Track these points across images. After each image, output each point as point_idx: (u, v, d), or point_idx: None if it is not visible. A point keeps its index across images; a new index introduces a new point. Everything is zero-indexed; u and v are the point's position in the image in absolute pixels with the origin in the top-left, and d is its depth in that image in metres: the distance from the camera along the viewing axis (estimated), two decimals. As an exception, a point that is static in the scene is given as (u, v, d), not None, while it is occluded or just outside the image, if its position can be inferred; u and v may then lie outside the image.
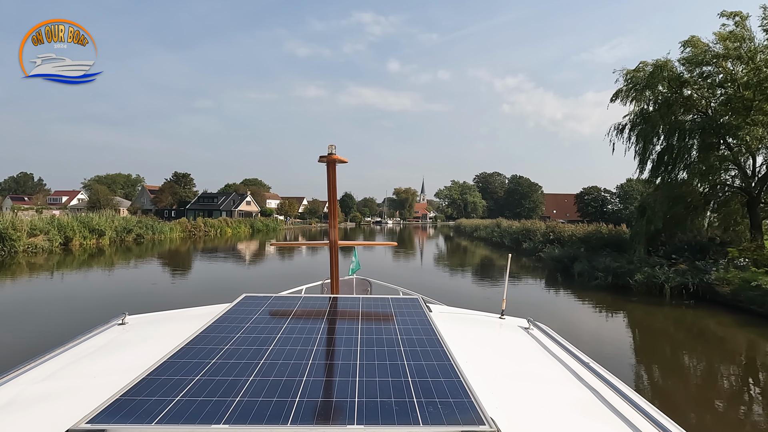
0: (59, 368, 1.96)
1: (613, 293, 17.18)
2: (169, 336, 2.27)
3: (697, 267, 16.74)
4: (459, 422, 1.39)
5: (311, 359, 1.92)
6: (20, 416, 1.53)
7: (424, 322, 2.53)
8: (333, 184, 3.27)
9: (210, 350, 1.99)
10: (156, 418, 1.36)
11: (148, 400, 1.49)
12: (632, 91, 21.05)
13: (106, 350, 2.23)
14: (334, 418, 1.41)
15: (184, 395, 1.53)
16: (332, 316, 2.66)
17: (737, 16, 18.79)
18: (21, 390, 1.73)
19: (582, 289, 18.30)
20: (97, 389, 1.65)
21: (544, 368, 2.16)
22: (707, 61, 19.33)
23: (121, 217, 41.60)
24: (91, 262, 27.65)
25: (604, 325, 13.86)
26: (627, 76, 21.03)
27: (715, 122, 19.19)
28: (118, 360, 2.10)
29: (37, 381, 1.82)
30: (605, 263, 19.00)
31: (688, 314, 14.79)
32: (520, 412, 1.63)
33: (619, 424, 1.59)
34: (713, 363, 10.47)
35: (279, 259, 32.17)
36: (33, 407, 1.60)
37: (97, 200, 76.26)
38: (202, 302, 3.36)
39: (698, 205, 20.77)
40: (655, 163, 21.34)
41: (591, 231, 27.31)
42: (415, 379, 1.72)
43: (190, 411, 1.42)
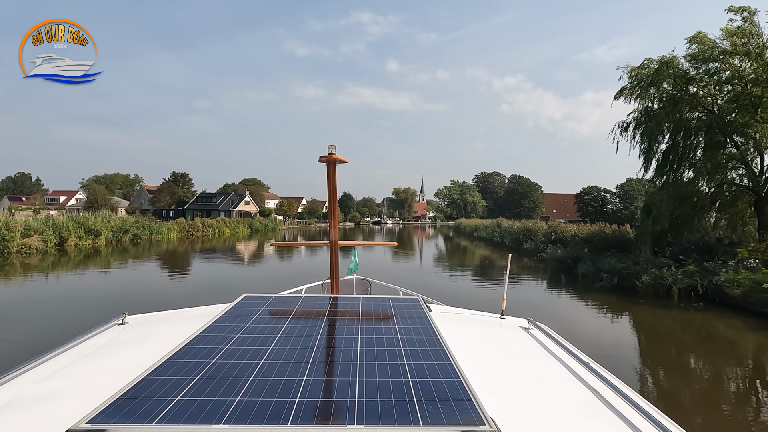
0: (59, 368, 1.95)
1: (618, 295, 16.74)
2: (169, 336, 2.27)
3: (706, 268, 16.32)
4: (459, 422, 1.38)
5: (311, 359, 1.91)
6: (20, 416, 1.53)
7: (424, 322, 2.52)
8: (333, 184, 3.25)
9: (210, 350, 1.98)
10: (156, 418, 1.36)
11: (148, 400, 1.49)
12: (637, 89, 20.63)
13: (106, 350, 2.23)
14: (334, 418, 1.41)
15: (184, 395, 1.53)
16: (332, 316, 2.66)
17: (745, 12, 18.36)
18: (21, 390, 1.73)
19: (586, 291, 17.86)
20: (97, 389, 1.65)
21: (545, 368, 2.15)
22: (714, 57, 18.92)
23: (117, 217, 41.03)
24: (86, 263, 27.17)
25: (610, 327, 13.44)
26: (631, 73, 20.60)
27: (722, 120, 18.78)
28: (118, 360, 2.10)
29: (37, 381, 1.82)
30: (610, 264, 18.45)
31: (696, 317, 14.37)
32: (520, 412, 1.63)
33: (619, 424, 1.58)
34: (722, 367, 10.08)
35: (278, 260, 31.76)
36: (33, 407, 1.61)
37: (94, 200, 75.89)
38: (200, 304, 3.27)
39: (705, 205, 20.36)
40: (661, 161, 20.95)
41: (594, 231, 26.81)
42: (415, 379, 1.71)
43: (190, 411, 1.41)
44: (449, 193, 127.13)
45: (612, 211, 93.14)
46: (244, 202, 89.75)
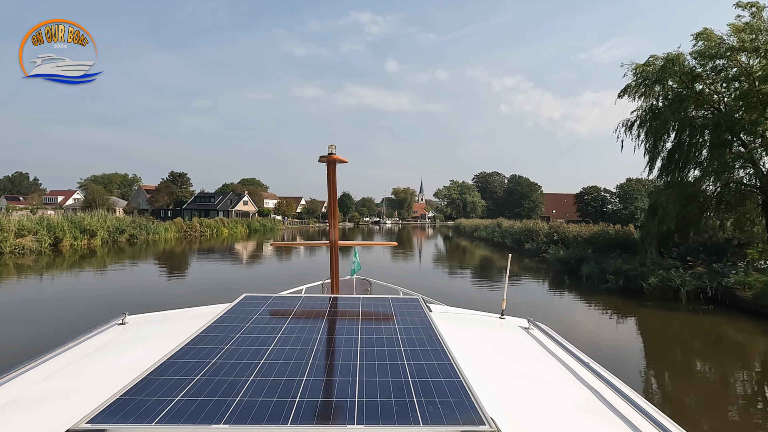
0: (59, 368, 1.95)
1: (624, 297, 16.30)
2: (169, 336, 2.26)
3: (715, 270, 15.89)
4: (459, 422, 1.37)
5: (311, 359, 1.90)
6: (20, 416, 1.53)
7: (424, 322, 2.51)
8: (333, 184, 3.23)
9: (210, 350, 1.97)
10: (156, 418, 1.35)
11: (148, 400, 1.48)
12: (642, 86, 20.19)
13: (106, 350, 2.23)
14: (334, 418, 1.40)
15: (184, 395, 1.52)
16: (332, 316, 2.65)
17: (753, 7, 17.94)
18: (21, 390, 1.72)
19: (591, 293, 17.42)
20: (97, 389, 1.65)
21: (545, 368, 2.14)
22: (721, 54, 18.47)
23: (114, 217, 40.44)
24: (80, 263, 26.66)
25: (616, 330, 13.04)
26: (636, 70, 20.13)
27: (729, 118, 18.33)
28: (118, 360, 2.09)
29: (37, 381, 1.82)
30: (615, 265, 17.92)
31: (706, 320, 13.96)
32: (521, 412, 1.62)
33: (619, 424, 1.57)
34: (732, 371, 9.71)
35: (275, 260, 31.32)
36: (33, 407, 1.60)
37: (92, 200, 75.64)
38: (197, 305, 3.20)
39: (711, 205, 19.93)
40: (666, 160, 20.50)
41: (597, 231, 26.24)
42: (415, 379, 1.70)
43: (190, 411, 1.41)
44: (449, 193, 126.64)
45: (612, 211, 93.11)
46: (242, 202, 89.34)
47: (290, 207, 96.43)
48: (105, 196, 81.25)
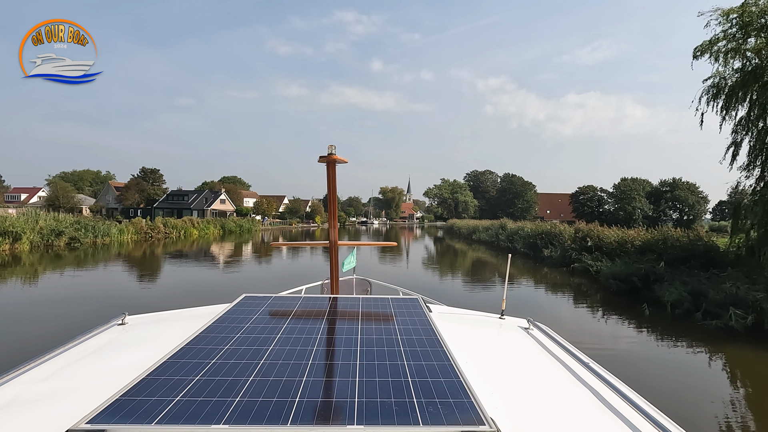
0: (59, 368, 1.92)
1: (756, 344, 10.46)
2: (169, 336, 2.24)
3: None
4: (459, 422, 1.36)
5: (311, 359, 1.87)
6: (20, 416, 1.50)
7: (424, 322, 2.48)
8: (333, 185, 3.19)
9: (210, 350, 1.95)
10: (156, 418, 1.33)
11: (148, 400, 1.45)
12: (732, 41, 14.77)
13: (106, 350, 2.18)
14: (334, 418, 1.38)
15: (184, 395, 1.49)
16: (332, 316, 2.60)
17: None
18: (21, 390, 1.70)
19: (699, 336, 11.12)
20: (97, 389, 1.62)
21: (544, 368, 2.10)
22: None
23: (50, 216, 33.86)
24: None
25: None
26: (728, 16, 14.68)
27: None
28: (118, 360, 2.06)
29: (37, 381, 1.79)
30: (727, 290, 11.97)
31: None
32: (520, 412, 1.59)
33: (619, 425, 1.54)
34: None
35: (255, 266, 25.44)
36: (33, 407, 1.57)
37: (56, 198, 68.96)
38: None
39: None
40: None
41: (656, 237, 19.86)
42: (415, 379, 1.68)
43: (190, 411, 1.38)
44: (440, 192, 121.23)
45: (608, 212, 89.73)
46: (219, 201, 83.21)
47: (271, 206, 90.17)
48: (71, 193, 74.54)
